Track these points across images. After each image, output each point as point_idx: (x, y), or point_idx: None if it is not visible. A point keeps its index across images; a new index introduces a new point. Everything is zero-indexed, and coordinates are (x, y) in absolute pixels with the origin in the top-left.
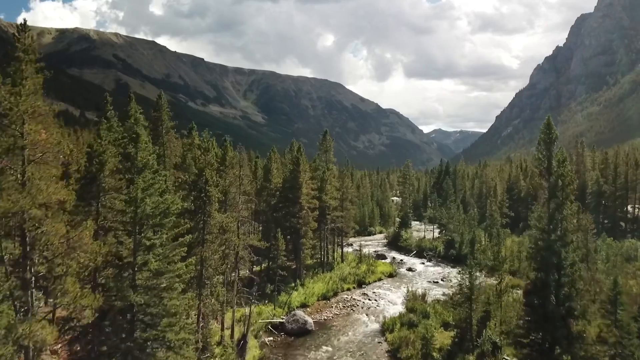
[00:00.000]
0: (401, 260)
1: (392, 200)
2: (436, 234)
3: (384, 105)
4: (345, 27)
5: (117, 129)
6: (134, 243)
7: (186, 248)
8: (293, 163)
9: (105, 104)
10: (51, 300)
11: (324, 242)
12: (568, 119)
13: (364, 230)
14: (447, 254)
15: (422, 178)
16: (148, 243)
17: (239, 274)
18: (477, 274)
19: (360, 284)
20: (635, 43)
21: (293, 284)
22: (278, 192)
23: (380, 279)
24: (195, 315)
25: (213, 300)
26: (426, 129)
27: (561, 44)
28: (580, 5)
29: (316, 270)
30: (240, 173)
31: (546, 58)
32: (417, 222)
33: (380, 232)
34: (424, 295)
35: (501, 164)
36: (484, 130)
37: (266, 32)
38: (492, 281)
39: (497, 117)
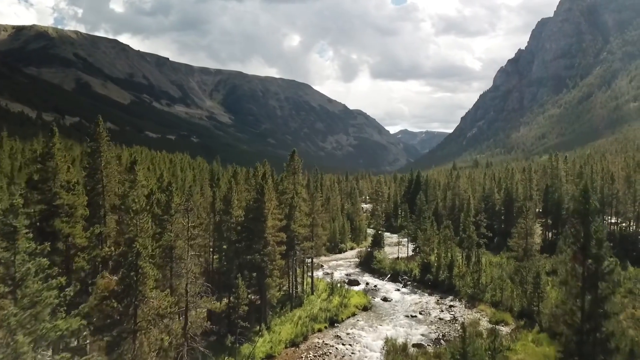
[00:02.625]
0: (375, 286)
1: (362, 208)
2: (410, 249)
3: (351, 106)
4: (311, 28)
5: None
6: None
7: None
8: (257, 192)
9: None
10: None
11: (292, 271)
12: (531, 120)
13: (334, 247)
14: (424, 278)
15: (392, 185)
16: None
17: (188, 345)
18: (457, 302)
19: (333, 322)
20: (593, 47)
21: (258, 328)
22: (239, 227)
23: (354, 314)
24: None
25: None
26: (392, 129)
27: (523, 47)
28: (540, 9)
29: (284, 307)
30: (189, 224)
31: (509, 60)
32: (388, 234)
33: (352, 249)
34: (405, 347)
35: (470, 171)
36: (449, 131)
37: (231, 31)
38: (474, 314)
39: (462, 118)
